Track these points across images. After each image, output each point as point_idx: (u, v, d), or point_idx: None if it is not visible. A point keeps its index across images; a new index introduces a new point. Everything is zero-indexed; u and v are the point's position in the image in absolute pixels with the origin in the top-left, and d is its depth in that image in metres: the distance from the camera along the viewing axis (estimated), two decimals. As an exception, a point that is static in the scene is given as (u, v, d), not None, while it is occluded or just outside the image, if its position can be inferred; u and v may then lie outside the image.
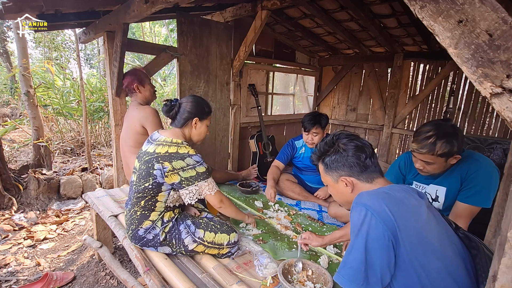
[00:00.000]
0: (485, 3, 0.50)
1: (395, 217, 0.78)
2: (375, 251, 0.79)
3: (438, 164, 1.29)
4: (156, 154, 1.34)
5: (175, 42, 4.20)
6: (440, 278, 0.79)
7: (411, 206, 0.83)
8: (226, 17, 2.84)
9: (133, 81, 2.04)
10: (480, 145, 2.58)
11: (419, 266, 0.79)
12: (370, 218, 0.79)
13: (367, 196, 0.84)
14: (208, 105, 1.55)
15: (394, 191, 0.86)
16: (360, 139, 0.98)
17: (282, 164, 2.42)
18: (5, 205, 2.91)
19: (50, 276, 1.91)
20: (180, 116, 1.46)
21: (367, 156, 0.93)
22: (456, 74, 3.06)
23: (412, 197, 0.87)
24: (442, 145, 1.22)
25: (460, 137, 1.24)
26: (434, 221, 0.85)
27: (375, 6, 2.50)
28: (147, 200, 1.39)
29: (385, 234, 0.78)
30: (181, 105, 1.47)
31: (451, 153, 1.24)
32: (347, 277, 0.82)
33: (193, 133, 1.51)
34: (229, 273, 1.32)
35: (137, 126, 1.99)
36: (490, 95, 0.55)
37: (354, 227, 0.83)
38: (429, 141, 1.24)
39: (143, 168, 1.37)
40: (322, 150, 1.02)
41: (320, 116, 2.19)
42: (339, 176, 0.97)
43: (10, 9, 1.50)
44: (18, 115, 6.95)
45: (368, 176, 0.94)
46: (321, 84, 4.37)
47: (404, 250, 0.78)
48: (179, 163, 1.33)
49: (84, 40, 2.61)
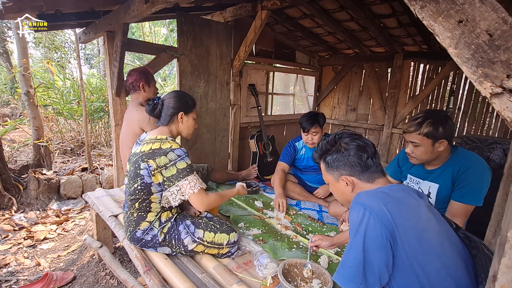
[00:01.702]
0: (485, 3, 0.50)
1: (393, 217, 0.79)
2: (373, 251, 0.79)
3: (424, 146, 1.34)
4: (141, 153, 1.34)
5: (175, 42, 4.21)
6: (439, 279, 0.79)
7: (410, 206, 0.83)
8: (226, 17, 2.84)
9: (141, 78, 2.00)
10: (480, 145, 2.57)
11: (418, 266, 0.79)
12: (368, 217, 0.80)
13: (365, 196, 0.85)
14: (191, 98, 1.53)
15: (393, 191, 0.86)
16: (362, 138, 0.97)
17: (287, 166, 2.38)
18: (5, 205, 2.91)
19: (50, 276, 1.91)
20: (165, 113, 1.44)
21: (368, 156, 0.93)
22: (456, 74, 3.06)
23: (411, 196, 0.87)
24: (427, 124, 1.29)
25: (449, 126, 1.30)
26: (435, 221, 0.85)
27: (375, 6, 2.50)
28: (140, 202, 1.38)
29: (383, 234, 0.78)
30: (164, 102, 1.46)
31: (435, 135, 1.30)
32: (346, 276, 0.82)
33: (181, 128, 1.49)
34: (229, 273, 1.32)
35: (136, 128, 1.98)
36: (490, 95, 0.54)
37: (352, 227, 0.84)
38: (417, 121, 1.33)
39: (132, 170, 1.37)
40: (324, 148, 1.02)
41: (317, 115, 2.19)
42: (340, 175, 0.97)
43: (10, 9, 1.50)
44: (18, 115, 6.95)
45: (369, 176, 0.94)
46: (321, 84, 4.37)
47: (403, 249, 0.78)
48: (162, 159, 1.30)
49: (84, 40, 2.61)
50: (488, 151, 2.52)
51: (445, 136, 1.31)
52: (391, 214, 0.79)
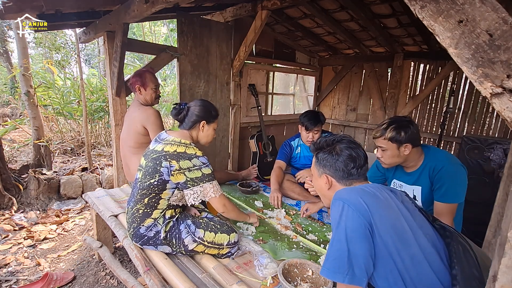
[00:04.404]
0: (486, 3, 0.50)
1: (370, 208, 0.85)
2: (356, 241, 0.83)
3: (391, 150, 1.43)
4: (164, 152, 1.37)
5: (175, 42, 4.21)
6: (415, 264, 0.85)
7: (383, 199, 0.91)
8: (226, 17, 2.84)
9: (136, 82, 2.04)
10: (480, 145, 2.57)
11: (395, 252, 0.84)
12: (347, 209, 0.86)
13: (344, 192, 0.93)
14: (215, 109, 1.59)
15: (368, 187, 0.95)
16: (358, 149, 1.03)
17: (284, 163, 2.42)
18: (5, 205, 2.91)
19: (50, 276, 1.91)
20: (189, 119, 1.50)
21: (354, 166, 1.00)
22: (456, 74, 3.06)
23: (384, 191, 0.95)
24: (391, 130, 1.40)
25: (411, 130, 1.38)
26: (407, 213, 0.92)
27: (375, 6, 2.50)
28: (151, 198, 1.40)
29: (361, 223, 0.84)
30: (189, 108, 1.52)
31: (398, 140, 1.39)
32: (332, 269, 0.85)
33: (200, 136, 1.55)
34: (229, 273, 1.32)
35: (138, 127, 2.00)
36: (491, 95, 0.54)
37: (333, 221, 0.90)
38: (382, 127, 1.44)
39: (150, 165, 1.39)
40: (320, 145, 1.10)
41: (318, 114, 2.22)
42: (323, 172, 1.07)
43: (10, 9, 1.50)
44: (18, 115, 6.95)
45: (347, 181, 1.02)
46: (321, 84, 4.37)
47: (379, 238, 0.84)
48: (186, 163, 1.35)
49: (84, 40, 2.62)
50: (488, 151, 2.52)
51: (409, 140, 1.39)
52: (367, 205, 0.86)
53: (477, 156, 2.58)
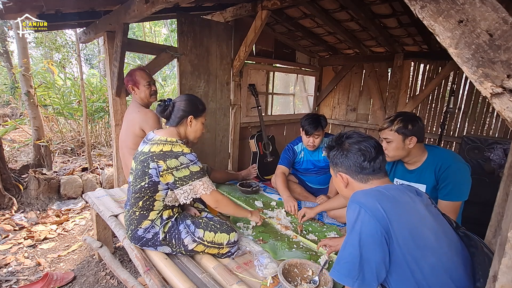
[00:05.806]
0: (486, 3, 0.50)
1: (387, 214, 0.81)
2: (369, 247, 0.81)
3: (396, 142, 1.44)
4: (151, 153, 1.34)
5: (175, 42, 4.21)
6: (434, 274, 0.81)
7: (404, 203, 0.87)
8: (226, 17, 2.84)
9: (128, 81, 2.03)
10: (480, 145, 2.57)
11: (413, 261, 0.81)
12: (364, 214, 0.83)
13: (361, 195, 0.89)
14: (202, 102, 1.55)
15: (388, 189, 0.90)
16: (367, 142, 0.98)
17: (287, 169, 2.35)
18: (5, 205, 2.91)
19: (50, 276, 1.91)
20: (175, 115, 1.46)
21: (365, 159, 0.96)
22: (457, 74, 3.06)
23: (405, 194, 0.90)
24: (398, 121, 1.42)
25: (418, 125, 1.41)
26: (431, 219, 0.88)
27: (375, 6, 2.49)
28: (145, 200, 1.39)
29: (377, 230, 0.80)
30: (175, 104, 1.48)
31: (405, 132, 1.40)
32: (342, 271, 0.84)
33: (188, 131, 1.51)
34: (229, 273, 1.32)
35: (137, 129, 1.98)
36: (491, 95, 0.54)
37: (348, 224, 0.87)
38: (390, 119, 1.47)
39: (139, 168, 1.37)
40: (330, 144, 1.08)
41: (319, 118, 2.14)
42: (337, 171, 1.04)
43: (11, 9, 1.50)
44: (18, 115, 6.95)
45: (362, 177, 0.98)
46: (321, 84, 4.37)
47: (397, 245, 0.81)
48: (173, 161, 1.32)
49: (84, 40, 2.62)
50: (488, 151, 2.52)
51: (415, 133, 1.40)
52: (385, 211, 0.82)
53: (477, 156, 2.58)
